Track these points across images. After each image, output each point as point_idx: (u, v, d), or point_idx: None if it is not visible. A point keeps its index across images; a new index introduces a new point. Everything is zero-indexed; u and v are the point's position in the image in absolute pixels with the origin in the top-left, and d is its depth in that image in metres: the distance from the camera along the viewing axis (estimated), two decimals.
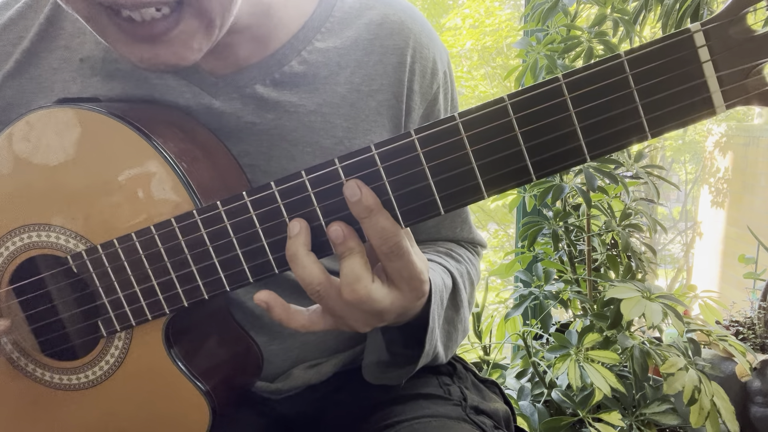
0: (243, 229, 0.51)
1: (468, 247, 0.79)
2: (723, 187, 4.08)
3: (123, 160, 0.54)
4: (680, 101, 0.43)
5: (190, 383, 0.57)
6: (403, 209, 0.48)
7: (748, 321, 1.82)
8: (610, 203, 1.45)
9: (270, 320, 0.69)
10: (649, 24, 1.46)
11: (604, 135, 0.44)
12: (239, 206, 0.50)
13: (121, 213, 0.55)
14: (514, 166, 0.46)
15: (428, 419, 0.63)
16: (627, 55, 0.43)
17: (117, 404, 0.59)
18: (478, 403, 0.69)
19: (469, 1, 4.52)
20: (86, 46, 0.64)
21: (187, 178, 0.53)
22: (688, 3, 1.17)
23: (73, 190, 0.56)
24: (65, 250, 0.57)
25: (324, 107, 0.66)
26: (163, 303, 0.55)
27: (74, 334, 0.60)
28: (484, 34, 4.44)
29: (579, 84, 0.44)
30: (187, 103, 0.64)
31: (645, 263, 1.41)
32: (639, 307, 1.14)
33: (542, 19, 1.42)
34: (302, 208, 0.49)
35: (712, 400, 1.18)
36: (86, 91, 0.63)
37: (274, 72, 0.65)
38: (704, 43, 0.42)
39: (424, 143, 0.46)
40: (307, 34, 0.66)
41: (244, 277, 0.52)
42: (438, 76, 0.71)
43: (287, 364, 0.72)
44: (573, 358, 1.24)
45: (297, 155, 0.65)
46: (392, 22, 0.68)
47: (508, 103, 0.45)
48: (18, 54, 0.64)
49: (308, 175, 0.48)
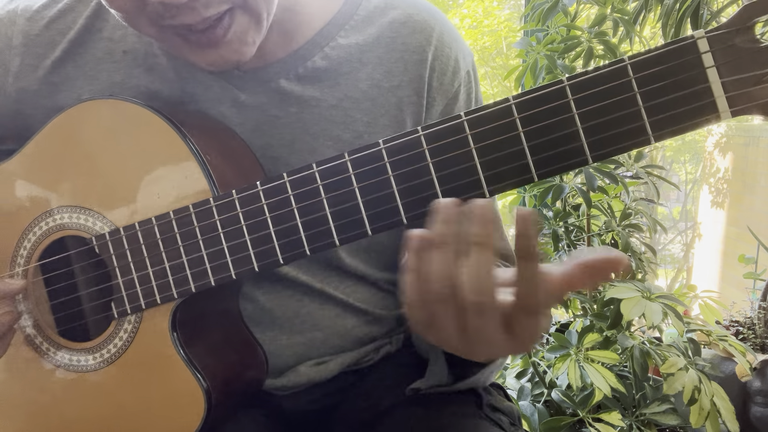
0: (253, 216, 0.53)
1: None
2: (723, 187, 4.08)
3: (154, 149, 0.58)
4: (684, 105, 0.43)
5: (189, 372, 0.58)
6: (405, 201, 0.49)
7: (748, 321, 1.82)
8: (610, 203, 1.46)
9: (280, 315, 0.70)
10: (649, 24, 1.46)
11: (606, 136, 0.45)
12: (252, 195, 0.53)
13: (145, 198, 0.58)
14: (515, 164, 0.47)
15: (445, 417, 0.63)
16: (631, 59, 0.43)
17: (118, 388, 0.61)
18: (494, 401, 0.69)
19: (468, 2, 4.53)
20: (128, 39, 0.67)
21: (209, 169, 0.57)
22: (688, 3, 1.17)
23: (106, 175, 0.60)
24: (91, 232, 0.60)
25: (345, 102, 0.67)
26: (172, 285, 0.57)
27: (88, 313, 0.63)
28: (483, 35, 4.45)
29: (582, 86, 0.44)
30: (216, 96, 0.67)
31: (645, 263, 1.41)
32: (639, 307, 1.14)
33: (542, 19, 1.42)
34: (310, 199, 0.52)
35: (712, 400, 1.18)
36: (129, 82, 0.67)
37: (298, 67, 0.67)
38: (708, 49, 0.42)
39: (429, 140, 0.48)
40: (331, 30, 0.68)
41: (248, 262, 0.54)
42: (460, 74, 0.72)
43: (294, 360, 0.72)
44: (573, 358, 1.24)
45: (318, 148, 0.67)
46: (415, 21, 0.69)
47: (513, 103, 0.46)
48: (65, 43, 0.68)
49: (318, 167, 0.51)
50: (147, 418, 0.60)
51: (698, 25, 1.17)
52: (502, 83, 4.61)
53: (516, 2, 4.75)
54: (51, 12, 0.68)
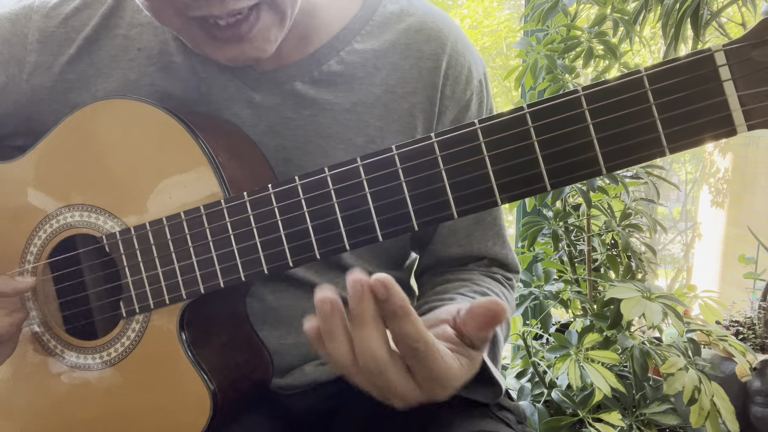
0: (264, 219, 0.54)
1: (504, 281, 0.78)
2: (723, 187, 4.08)
3: (167, 150, 0.58)
4: (699, 118, 0.43)
5: (196, 373, 0.58)
6: (416, 207, 0.49)
7: (748, 321, 1.82)
8: (610, 203, 1.46)
9: (286, 314, 0.70)
10: (649, 24, 1.46)
11: (621, 147, 0.44)
12: (263, 197, 0.53)
13: (157, 199, 0.59)
14: (529, 173, 0.46)
15: (452, 416, 0.63)
16: (647, 70, 0.43)
17: (125, 387, 0.61)
18: (501, 400, 0.69)
19: (468, 2, 4.53)
20: (144, 36, 0.67)
21: (221, 171, 0.57)
22: (688, 3, 1.17)
23: (118, 174, 0.60)
24: (102, 231, 0.61)
25: (359, 106, 0.68)
26: (182, 286, 0.57)
27: (97, 312, 0.63)
28: (483, 35, 4.45)
29: (598, 96, 0.44)
30: (231, 96, 0.67)
31: (645, 263, 1.41)
32: (639, 307, 1.14)
33: (542, 19, 1.42)
34: (321, 203, 0.52)
35: (712, 400, 1.18)
36: (143, 80, 0.67)
37: (313, 70, 0.68)
38: (725, 63, 0.42)
39: (442, 147, 0.48)
40: (347, 35, 0.69)
41: (258, 265, 0.54)
42: (472, 83, 0.73)
43: (299, 360, 0.73)
44: (573, 358, 1.24)
45: (330, 151, 0.68)
46: (430, 29, 0.70)
47: (527, 111, 0.46)
48: (80, 41, 0.68)
49: (330, 172, 0.51)
50: (152, 417, 0.60)
51: (698, 25, 1.17)
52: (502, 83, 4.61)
53: (516, 2, 4.75)
54: (67, 9, 0.68)
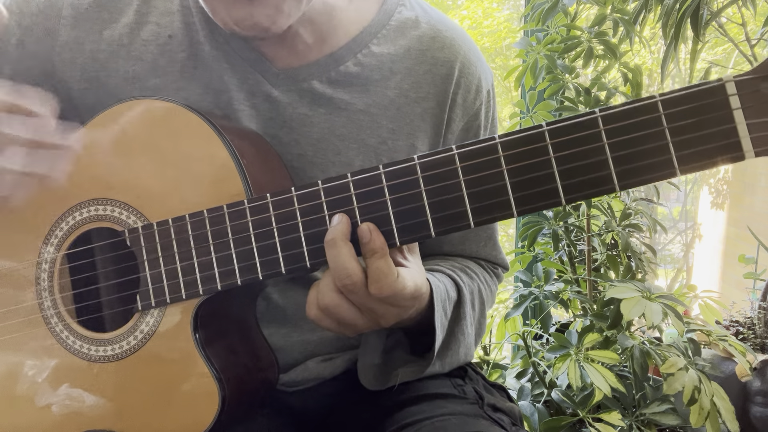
0: (285, 219, 0.55)
1: (487, 267, 0.80)
2: (723, 188, 4.08)
3: (194, 150, 0.60)
4: (710, 143, 0.45)
5: (207, 369, 0.59)
6: (434, 216, 0.51)
7: (748, 321, 1.82)
8: (610, 203, 1.46)
9: (293, 312, 0.72)
10: (649, 24, 1.46)
11: (634, 167, 0.47)
12: (285, 199, 0.55)
13: (181, 196, 0.60)
14: (544, 188, 0.49)
15: (447, 417, 0.64)
16: (661, 95, 0.46)
17: (135, 379, 0.62)
18: (495, 402, 0.70)
19: (468, 2, 4.53)
20: (175, 25, 0.70)
21: (245, 172, 0.59)
22: (688, 3, 1.17)
23: (144, 171, 0.62)
24: (124, 225, 0.62)
25: (372, 108, 0.70)
26: (199, 282, 0.58)
27: (113, 304, 0.64)
28: (483, 35, 4.45)
29: (614, 118, 0.47)
30: (250, 88, 0.69)
31: (645, 263, 1.41)
32: (639, 307, 1.14)
33: (542, 19, 1.42)
34: (342, 207, 0.53)
35: (712, 400, 1.18)
36: (172, 66, 0.69)
37: (330, 70, 0.70)
38: (735, 92, 0.45)
39: (463, 158, 0.50)
40: (364, 38, 0.71)
41: (276, 266, 0.56)
42: (482, 93, 0.75)
43: (303, 357, 0.74)
44: (573, 358, 1.24)
45: (343, 150, 0.70)
46: (444, 38, 0.72)
47: (546, 129, 0.48)
48: (113, 22, 0.70)
49: (353, 177, 0.53)
50: (160, 411, 0.61)
51: (698, 25, 1.17)
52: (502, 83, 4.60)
53: (516, 2, 4.75)
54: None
